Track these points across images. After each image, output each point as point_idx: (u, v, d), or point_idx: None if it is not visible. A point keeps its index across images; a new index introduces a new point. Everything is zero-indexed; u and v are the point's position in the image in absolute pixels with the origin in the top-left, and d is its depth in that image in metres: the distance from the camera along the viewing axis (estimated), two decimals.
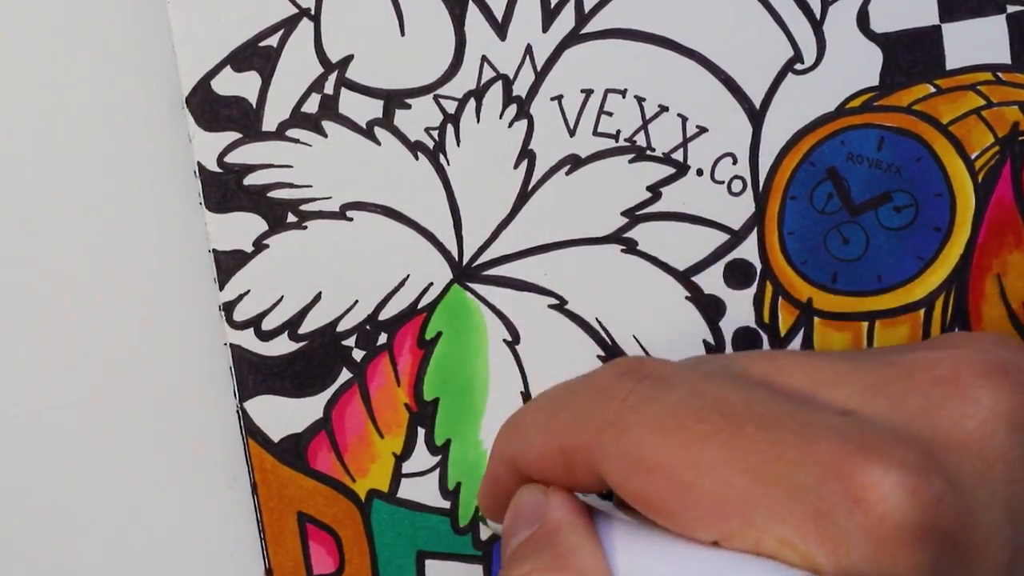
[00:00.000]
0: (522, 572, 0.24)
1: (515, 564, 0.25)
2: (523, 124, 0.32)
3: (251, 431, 0.33)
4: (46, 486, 0.34)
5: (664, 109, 0.32)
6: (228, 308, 0.33)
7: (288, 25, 0.32)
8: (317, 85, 0.32)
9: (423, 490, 0.33)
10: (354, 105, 0.32)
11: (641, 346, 0.33)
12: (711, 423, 0.22)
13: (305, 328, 0.33)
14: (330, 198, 0.33)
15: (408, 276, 0.33)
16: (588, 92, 0.32)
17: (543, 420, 0.25)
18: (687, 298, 0.33)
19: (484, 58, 0.32)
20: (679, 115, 0.32)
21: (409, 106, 0.32)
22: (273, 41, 0.32)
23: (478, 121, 0.32)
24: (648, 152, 0.32)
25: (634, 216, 0.33)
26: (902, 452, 0.21)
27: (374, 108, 0.32)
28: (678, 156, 0.32)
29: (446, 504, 0.33)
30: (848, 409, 0.23)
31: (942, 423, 0.22)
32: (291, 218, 0.33)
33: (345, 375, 0.33)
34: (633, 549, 0.24)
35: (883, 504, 0.21)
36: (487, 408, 0.33)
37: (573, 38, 0.32)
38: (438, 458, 0.33)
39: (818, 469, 0.21)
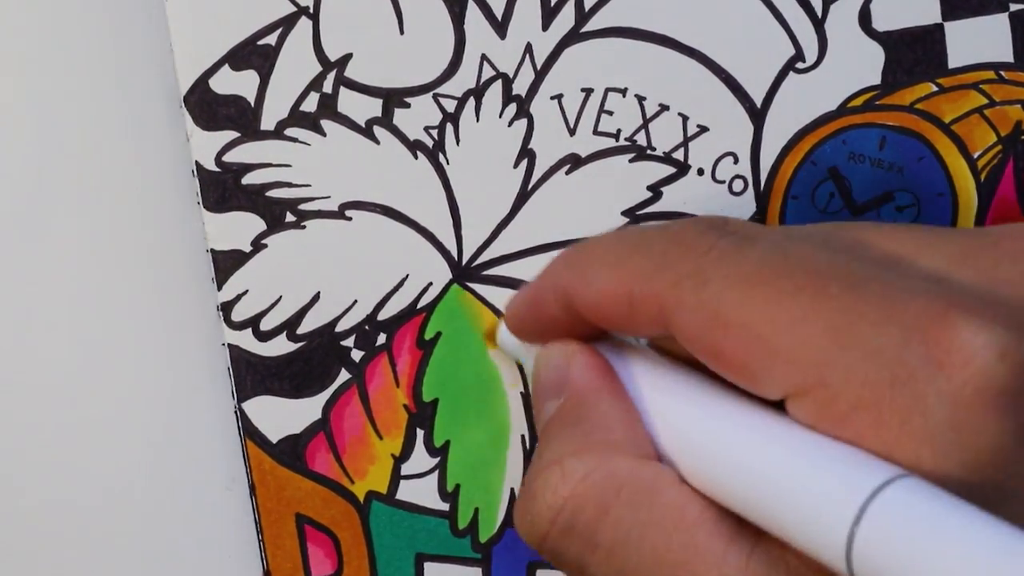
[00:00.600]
0: (553, 456, 0.24)
1: (548, 444, 0.24)
2: (523, 123, 0.32)
3: (249, 432, 0.33)
4: (42, 488, 0.34)
5: (665, 108, 0.32)
6: (226, 308, 0.33)
7: (287, 23, 0.32)
8: (316, 84, 0.32)
9: (422, 492, 0.33)
10: (353, 104, 0.32)
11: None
12: (794, 280, 0.21)
13: (304, 328, 0.33)
14: (329, 197, 0.32)
15: (407, 276, 0.33)
16: (588, 91, 0.32)
17: (612, 260, 0.24)
18: None
19: (484, 57, 0.32)
20: (680, 114, 0.32)
21: (408, 105, 0.32)
22: (272, 39, 0.32)
23: (478, 120, 0.32)
24: (649, 151, 0.32)
25: (635, 216, 0.33)
26: (991, 313, 0.20)
27: (373, 107, 0.32)
28: (679, 155, 0.32)
29: (445, 506, 0.33)
30: (936, 275, 0.22)
31: None
32: (290, 217, 0.33)
33: (344, 376, 0.33)
34: (675, 409, 0.24)
35: (969, 367, 0.20)
36: (486, 409, 0.33)
37: (573, 37, 0.32)
38: (437, 460, 0.33)
39: (901, 331, 0.20)
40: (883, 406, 0.20)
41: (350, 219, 0.33)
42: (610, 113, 0.32)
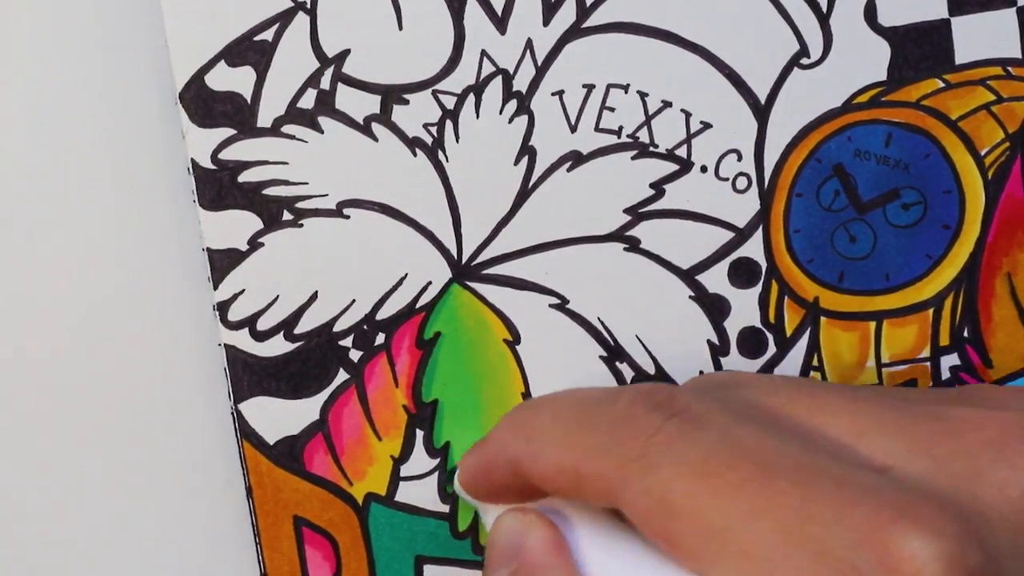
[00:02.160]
0: None
1: None
2: (523, 120, 0.32)
3: (246, 433, 0.33)
4: (35, 491, 0.34)
5: (667, 104, 0.32)
6: (222, 308, 0.33)
7: (284, 19, 0.32)
8: (313, 80, 0.32)
9: (422, 494, 0.33)
10: (351, 100, 0.32)
11: (644, 347, 0.33)
12: (743, 472, 0.22)
13: (301, 328, 0.33)
14: (327, 195, 0.32)
15: (406, 275, 0.33)
16: (590, 87, 0.32)
17: (559, 435, 0.25)
18: (691, 297, 0.33)
19: (484, 52, 0.32)
20: (683, 111, 0.32)
21: (407, 101, 0.32)
22: (268, 35, 0.32)
23: (477, 117, 0.32)
24: (651, 148, 0.32)
25: (637, 214, 0.33)
26: (941, 521, 0.21)
27: (371, 103, 0.32)
28: (682, 152, 0.32)
29: (445, 508, 0.33)
30: (888, 465, 0.22)
31: (985, 490, 0.22)
32: (287, 216, 0.32)
33: (342, 376, 0.33)
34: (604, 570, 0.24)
35: None
36: (487, 410, 0.33)
37: (574, 32, 0.32)
38: (437, 461, 0.33)
39: (851, 533, 0.21)
40: None
41: (348, 217, 0.32)
42: (612, 110, 0.32)
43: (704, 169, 0.32)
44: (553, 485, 0.25)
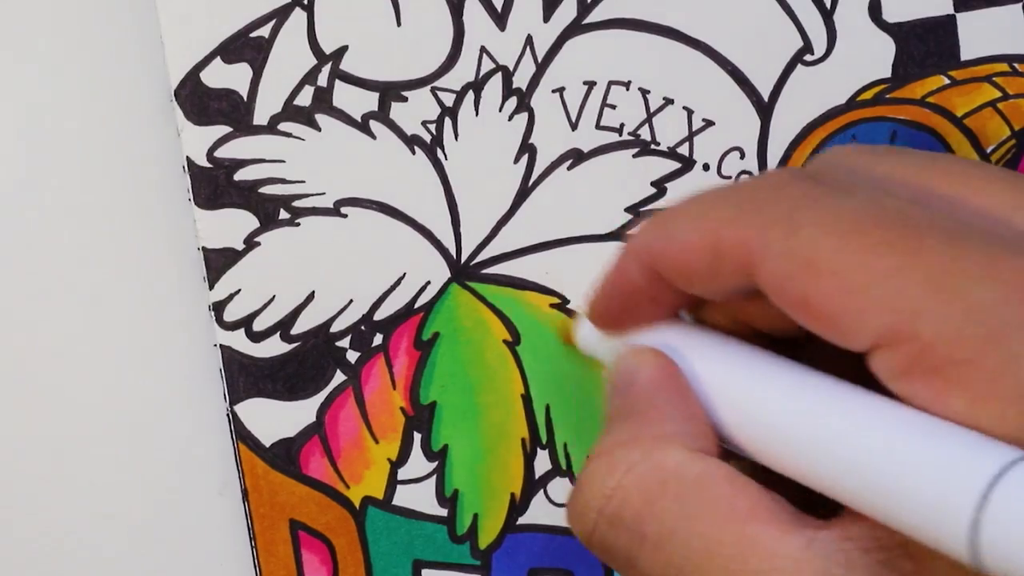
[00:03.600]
0: (602, 448, 0.24)
1: (600, 439, 0.25)
2: (523, 117, 0.32)
3: (242, 435, 0.33)
4: (28, 495, 0.34)
5: (669, 102, 0.32)
6: (218, 308, 0.33)
7: (280, 15, 0.32)
8: (310, 77, 0.32)
9: (419, 497, 0.33)
10: (349, 98, 0.32)
11: None
12: (892, 231, 0.21)
13: (298, 329, 0.33)
14: (324, 194, 0.32)
15: (404, 275, 0.33)
16: (591, 84, 0.32)
17: (698, 211, 0.24)
18: None
19: (483, 49, 0.32)
20: (685, 108, 0.32)
21: (406, 99, 0.32)
22: (265, 31, 0.32)
23: (477, 114, 0.32)
24: (653, 146, 0.32)
25: (638, 213, 0.32)
26: None
27: (369, 101, 0.32)
28: (684, 150, 0.32)
29: (443, 512, 0.33)
30: None
31: None
32: (283, 215, 0.32)
33: (339, 377, 0.33)
34: (744, 389, 0.24)
35: None
36: (486, 412, 0.33)
37: (575, 28, 0.32)
38: (435, 464, 0.33)
39: (1001, 288, 0.20)
40: (975, 362, 0.20)
41: (346, 216, 0.32)
42: (613, 107, 0.32)
43: (706, 167, 0.32)
44: (690, 269, 0.24)
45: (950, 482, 0.19)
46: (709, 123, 0.32)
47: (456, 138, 0.32)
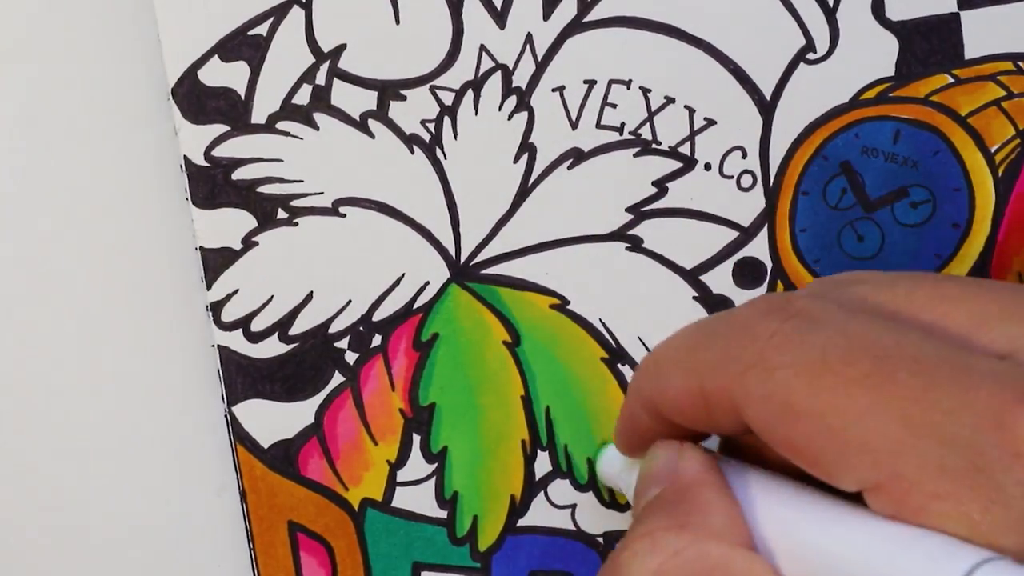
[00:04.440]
0: (646, 530, 0.24)
1: (641, 522, 0.25)
2: (523, 116, 0.32)
3: (240, 437, 0.33)
4: (25, 496, 0.34)
5: (670, 101, 0.32)
6: (216, 308, 0.33)
7: (278, 13, 0.32)
8: (308, 75, 0.32)
9: (419, 499, 0.33)
10: (347, 96, 0.32)
11: (647, 348, 0.33)
12: (860, 367, 0.21)
13: (296, 329, 0.33)
14: (322, 193, 0.32)
15: (403, 275, 0.33)
16: (591, 83, 0.32)
17: (683, 358, 0.25)
18: (695, 298, 0.32)
19: (482, 47, 0.32)
20: (686, 107, 0.32)
21: (404, 97, 0.32)
22: (263, 30, 0.32)
23: (476, 113, 0.32)
24: (654, 146, 0.32)
25: (639, 212, 0.32)
26: None
27: (368, 99, 0.32)
28: (685, 150, 0.32)
29: (443, 514, 0.33)
30: (1010, 351, 0.22)
31: None
32: (281, 214, 0.32)
33: (337, 378, 0.33)
34: (773, 506, 0.24)
35: None
36: (486, 414, 0.33)
37: (575, 26, 0.32)
38: (434, 466, 0.33)
39: (975, 419, 0.20)
40: (962, 496, 0.20)
41: (344, 216, 0.32)
42: (614, 106, 0.32)
43: (708, 167, 0.32)
44: (686, 413, 0.25)
45: None
46: (711, 122, 0.32)
47: (455, 137, 0.32)
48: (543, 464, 0.33)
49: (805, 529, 0.23)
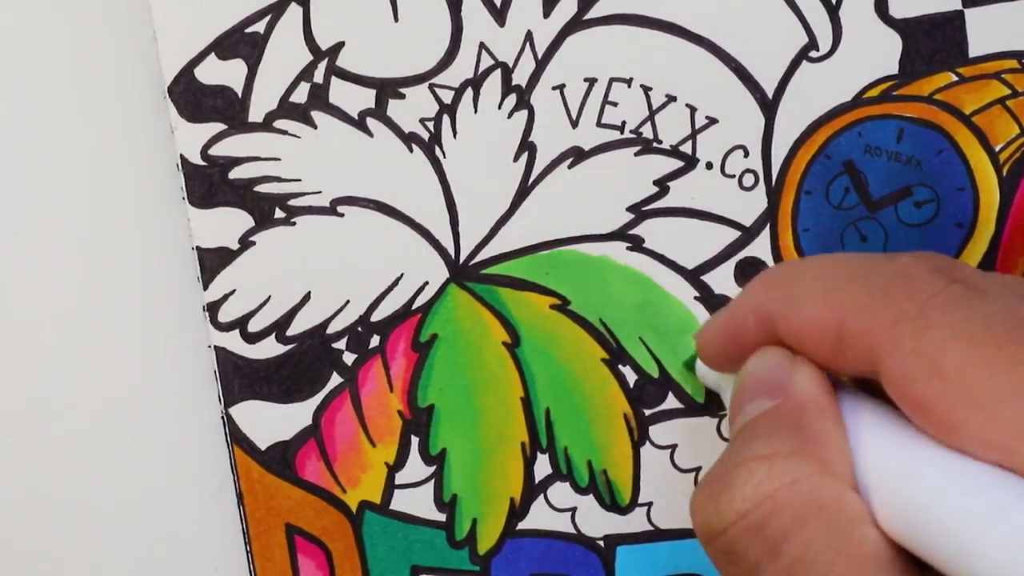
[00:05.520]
0: (763, 453, 0.23)
1: (755, 439, 0.24)
2: (523, 115, 0.32)
3: (237, 438, 0.33)
4: (20, 497, 0.34)
5: (672, 99, 0.32)
6: (213, 309, 0.33)
7: (276, 10, 0.32)
8: (306, 73, 0.32)
9: (417, 502, 0.33)
10: (345, 95, 0.32)
11: (648, 349, 0.32)
12: None
13: (293, 330, 0.33)
14: (320, 193, 0.32)
15: (402, 275, 0.32)
16: (592, 81, 0.32)
17: (824, 288, 0.24)
18: (696, 298, 0.32)
19: (482, 45, 0.32)
20: (687, 105, 0.32)
21: (403, 96, 0.32)
22: (260, 27, 0.32)
23: (476, 111, 0.32)
24: (655, 144, 0.32)
25: (640, 212, 0.32)
26: None
27: (366, 98, 0.32)
28: (686, 149, 0.32)
29: (441, 517, 0.33)
30: None
31: None
32: (279, 213, 0.32)
33: (335, 380, 0.33)
34: (881, 444, 0.23)
35: None
36: (485, 415, 0.33)
37: (576, 24, 0.32)
38: (433, 468, 0.33)
39: None
40: None
41: (342, 215, 0.32)
42: (614, 104, 0.32)
43: (709, 166, 0.32)
44: (810, 344, 0.24)
45: None
46: (712, 121, 0.32)
47: (455, 136, 0.32)
48: (543, 467, 0.33)
49: (918, 484, 0.22)
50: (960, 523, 0.21)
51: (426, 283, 0.32)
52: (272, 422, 0.33)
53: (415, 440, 0.33)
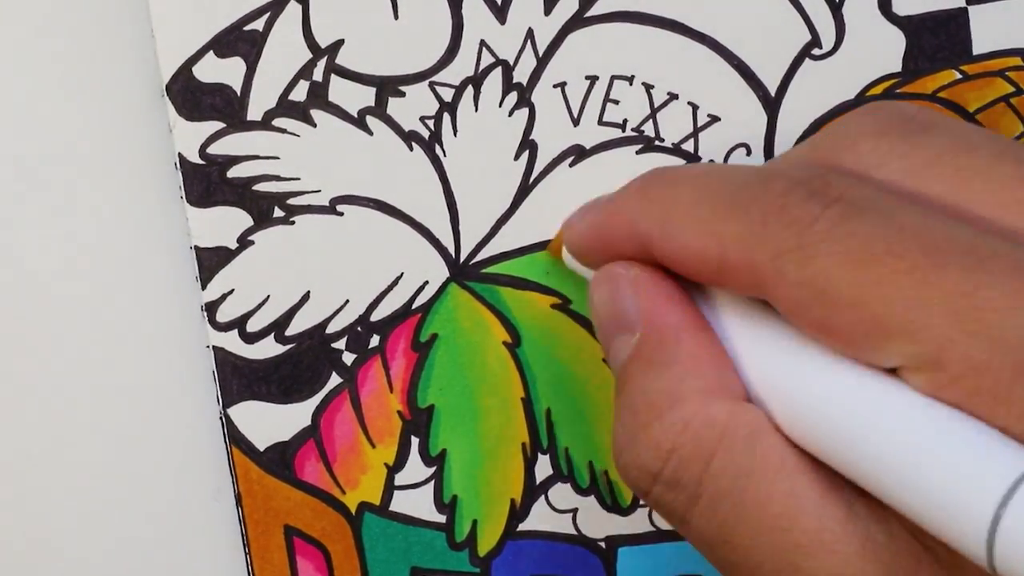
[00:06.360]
0: (649, 412, 0.24)
1: (635, 392, 0.25)
2: (524, 113, 0.32)
3: (235, 439, 0.33)
4: (16, 499, 0.34)
5: (674, 97, 0.32)
6: (211, 308, 0.32)
7: (275, 8, 0.32)
8: (306, 71, 0.32)
9: (417, 503, 0.33)
10: (345, 93, 0.32)
11: None
12: (909, 259, 0.21)
13: (293, 330, 0.32)
14: (319, 191, 0.32)
15: (402, 274, 0.32)
16: (593, 79, 0.32)
17: (703, 218, 0.24)
18: None
19: (483, 42, 0.32)
20: (689, 103, 0.32)
21: (403, 94, 0.32)
22: (259, 25, 0.32)
23: (476, 109, 0.32)
24: (657, 143, 0.32)
25: None
26: None
27: (366, 96, 0.32)
28: (688, 147, 0.32)
29: (441, 518, 0.33)
30: None
31: None
32: (278, 213, 0.32)
33: (335, 380, 0.33)
34: (762, 346, 0.24)
35: None
36: (485, 416, 0.33)
37: (577, 21, 0.32)
38: (433, 469, 0.33)
39: None
40: (1002, 395, 0.20)
41: (342, 214, 0.32)
42: (616, 102, 0.32)
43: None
44: (689, 269, 0.24)
45: (969, 476, 0.19)
46: (715, 119, 0.32)
47: (455, 134, 0.32)
48: (544, 467, 0.33)
49: (813, 387, 0.22)
50: (849, 421, 0.21)
51: (426, 282, 0.32)
52: (271, 423, 0.33)
53: (415, 441, 0.33)
